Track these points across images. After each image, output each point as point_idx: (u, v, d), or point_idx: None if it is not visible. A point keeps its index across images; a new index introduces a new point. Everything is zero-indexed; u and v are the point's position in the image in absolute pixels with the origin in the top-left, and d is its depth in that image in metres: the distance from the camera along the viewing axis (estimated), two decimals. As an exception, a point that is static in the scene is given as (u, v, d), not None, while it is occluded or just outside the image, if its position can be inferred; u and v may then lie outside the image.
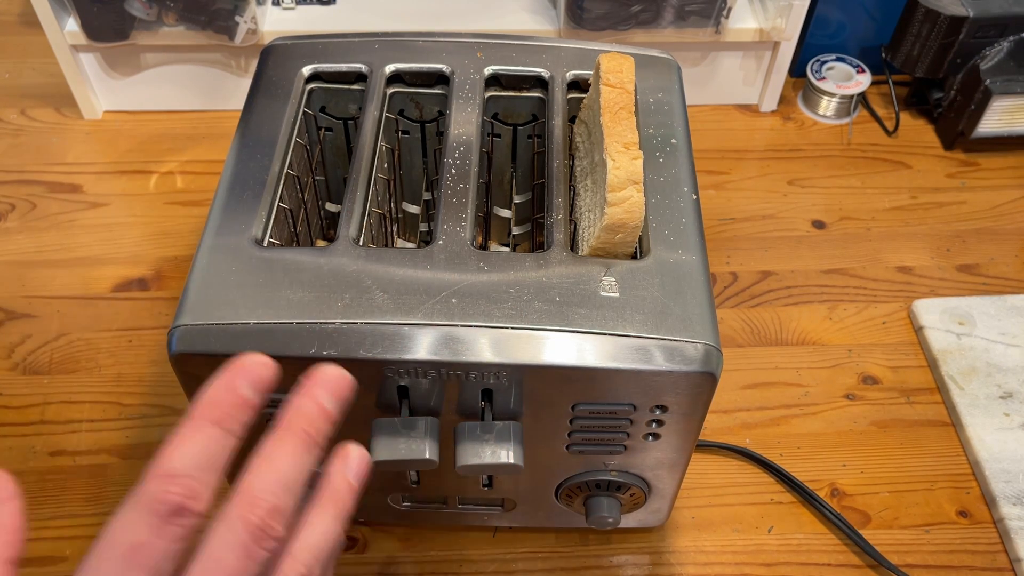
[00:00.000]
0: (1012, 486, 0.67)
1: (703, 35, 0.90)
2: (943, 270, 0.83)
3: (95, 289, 0.79)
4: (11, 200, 0.86)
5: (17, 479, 0.56)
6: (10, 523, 0.33)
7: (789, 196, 0.89)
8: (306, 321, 0.47)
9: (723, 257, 0.83)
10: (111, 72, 0.92)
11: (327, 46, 0.63)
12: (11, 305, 0.78)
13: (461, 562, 0.63)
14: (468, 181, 0.55)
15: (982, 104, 0.89)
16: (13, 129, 0.94)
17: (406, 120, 0.65)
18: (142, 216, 0.86)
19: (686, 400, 0.49)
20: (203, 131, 0.94)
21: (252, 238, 0.51)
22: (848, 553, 0.65)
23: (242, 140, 0.57)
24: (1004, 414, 0.71)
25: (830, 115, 0.97)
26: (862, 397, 0.74)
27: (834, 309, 0.80)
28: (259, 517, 0.32)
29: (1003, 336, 0.76)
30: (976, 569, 0.64)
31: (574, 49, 0.63)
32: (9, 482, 0.33)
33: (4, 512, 0.33)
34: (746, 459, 0.70)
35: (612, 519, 0.57)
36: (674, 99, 0.61)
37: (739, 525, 0.66)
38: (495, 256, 0.51)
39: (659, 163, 0.56)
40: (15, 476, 0.36)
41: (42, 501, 0.66)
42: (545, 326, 0.47)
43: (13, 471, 0.66)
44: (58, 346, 0.75)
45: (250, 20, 0.86)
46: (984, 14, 0.87)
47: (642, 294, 0.49)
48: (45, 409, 0.71)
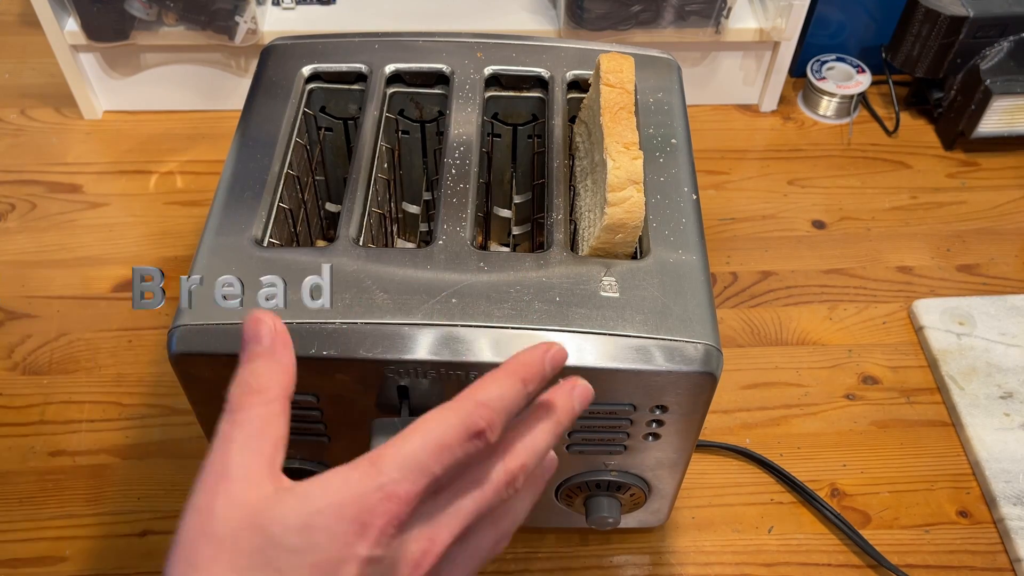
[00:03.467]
0: (1012, 486, 0.67)
1: (703, 35, 0.90)
2: (943, 270, 0.83)
3: (95, 289, 0.79)
4: (11, 200, 0.86)
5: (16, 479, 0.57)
6: (290, 364, 0.38)
7: (789, 196, 0.89)
8: (306, 321, 0.46)
9: (723, 257, 0.83)
10: (111, 72, 0.92)
11: (327, 46, 0.63)
12: (11, 305, 0.78)
13: (461, 562, 0.63)
14: (468, 181, 0.55)
15: (982, 104, 0.89)
16: (13, 129, 0.94)
17: (406, 120, 0.65)
18: (142, 216, 0.86)
19: (686, 400, 0.49)
20: (203, 131, 0.94)
21: (252, 238, 0.51)
22: (848, 553, 0.65)
23: (242, 140, 0.57)
24: (1004, 414, 0.71)
25: (830, 115, 0.97)
26: (862, 397, 0.73)
27: (834, 309, 0.80)
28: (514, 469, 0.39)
29: (1003, 336, 0.76)
30: (976, 569, 0.64)
31: (574, 49, 0.63)
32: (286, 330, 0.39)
33: (286, 354, 0.38)
34: (746, 459, 0.70)
35: (612, 519, 0.57)
36: (674, 99, 0.61)
37: (739, 525, 0.66)
38: (495, 256, 0.51)
39: (659, 163, 0.56)
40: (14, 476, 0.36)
41: (42, 501, 0.65)
42: (545, 326, 0.47)
43: (13, 471, 0.67)
44: (58, 346, 0.75)
45: (250, 20, 0.86)
46: (984, 14, 0.87)
47: (642, 294, 0.49)
48: (45, 409, 0.71)
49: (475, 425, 0.36)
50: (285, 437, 0.37)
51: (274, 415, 0.37)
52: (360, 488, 0.34)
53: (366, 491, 0.34)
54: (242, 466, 0.35)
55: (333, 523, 0.34)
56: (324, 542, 0.33)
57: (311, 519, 0.34)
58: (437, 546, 0.37)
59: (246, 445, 0.35)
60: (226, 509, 0.34)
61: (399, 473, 0.35)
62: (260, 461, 0.35)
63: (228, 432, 0.36)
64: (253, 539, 0.33)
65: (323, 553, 0.33)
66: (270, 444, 0.36)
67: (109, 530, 0.64)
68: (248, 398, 0.37)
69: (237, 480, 0.35)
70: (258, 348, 0.38)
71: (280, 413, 0.37)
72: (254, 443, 0.36)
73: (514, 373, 0.39)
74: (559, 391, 0.41)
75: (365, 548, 0.34)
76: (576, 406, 0.41)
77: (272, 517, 0.34)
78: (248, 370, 0.37)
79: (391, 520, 0.34)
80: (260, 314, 0.38)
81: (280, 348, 0.38)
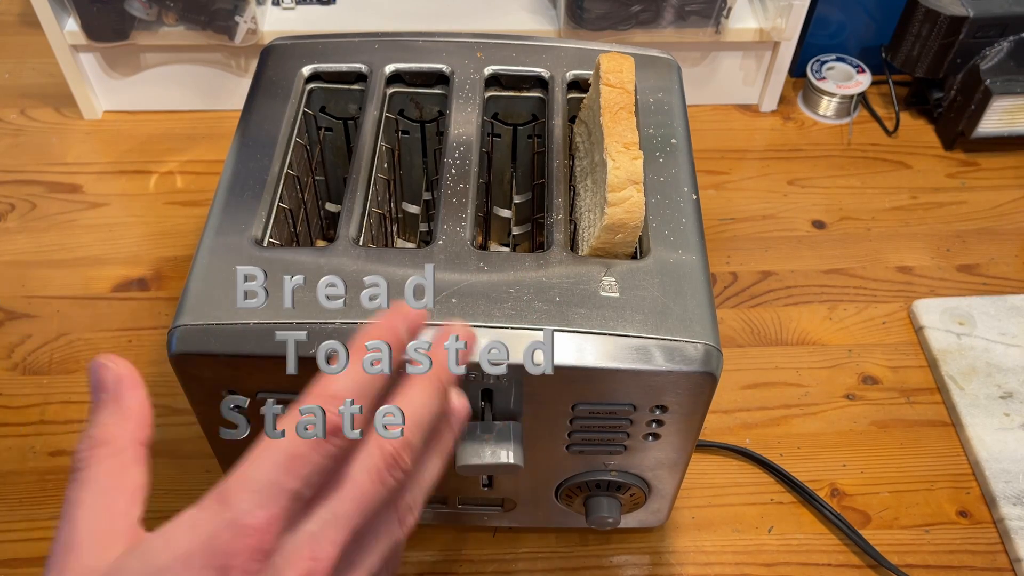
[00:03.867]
0: (1012, 486, 0.67)
1: (703, 35, 0.90)
2: (943, 270, 0.83)
3: (95, 289, 0.79)
4: (11, 200, 0.86)
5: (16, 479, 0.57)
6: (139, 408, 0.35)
7: (789, 196, 0.89)
8: (306, 321, 0.46)
9: (723, 257, 0.83)
10: (111, 72, 0.92)
11: (327, 46, 0.63)
12: (11, 305, 0.78)
13: (461, 562, 0.63)
14: (468, 181, 0.55)
15: (982, 104, 0.89)
16: (13, 129, 0.94)
17: (406, 120, 0.65)
18: (142, 216, 0.86)
19: (686, 400, 0.49)
20: (203, 131, 0.94)
21: (252, 238, 0.51)
22: (848, 553, 0.65)
23: (242, 140, 0.57)
24: (1004, 414, 0.71)
25: (830, 115, 0.97)
26: (862, 397, 0.73)
27: (834, 309, 0.80)
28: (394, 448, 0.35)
29: (1003, 336, 0.76)
30: (976, 569, 0.64)
31: (574, 49, 0.63)
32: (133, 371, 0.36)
33: (132, 398, 0.35)
34: (746, 459, 0.70)
35: (612, 519, 0.57)
36: (674, 99, 0.61)
37: (739, 525, 0.66)
38: (495, 256, 0.51)
39: (659, 163, 0.56)
40: (14, 476, 0.36)
41: (42, 501, 0.65)
42: (545, 326, 0.47)
43: (13, 471, 0.67)
44: (58, 346, 0.75)
45: (250, 20, 0.86)
46: (984, 14, 0.87)
47: (642, 294, 0.49)
48: (45, 409, 0.71)
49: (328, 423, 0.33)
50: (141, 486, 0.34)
51: (124, 465, 0.34)
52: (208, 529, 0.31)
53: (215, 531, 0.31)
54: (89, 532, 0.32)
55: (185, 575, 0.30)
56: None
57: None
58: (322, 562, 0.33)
59: (94, 505, 0.33)
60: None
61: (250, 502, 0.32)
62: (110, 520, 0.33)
63: (75, 496, 0.33)
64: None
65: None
66: (124, 498, 0.33)
67: (109, 530, 0.64)
68: (92, 453, 0.34)
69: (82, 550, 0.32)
70: (104, 396, 0.35)
71: (132, 461, 0.34)
72: (102, 501, 0.33)
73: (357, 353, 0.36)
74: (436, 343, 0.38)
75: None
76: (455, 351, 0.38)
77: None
78: (93, 422, 0.35)
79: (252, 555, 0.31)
80: (103, 359, 0.36)
81: (126, 392, 0.35)
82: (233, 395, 0.48)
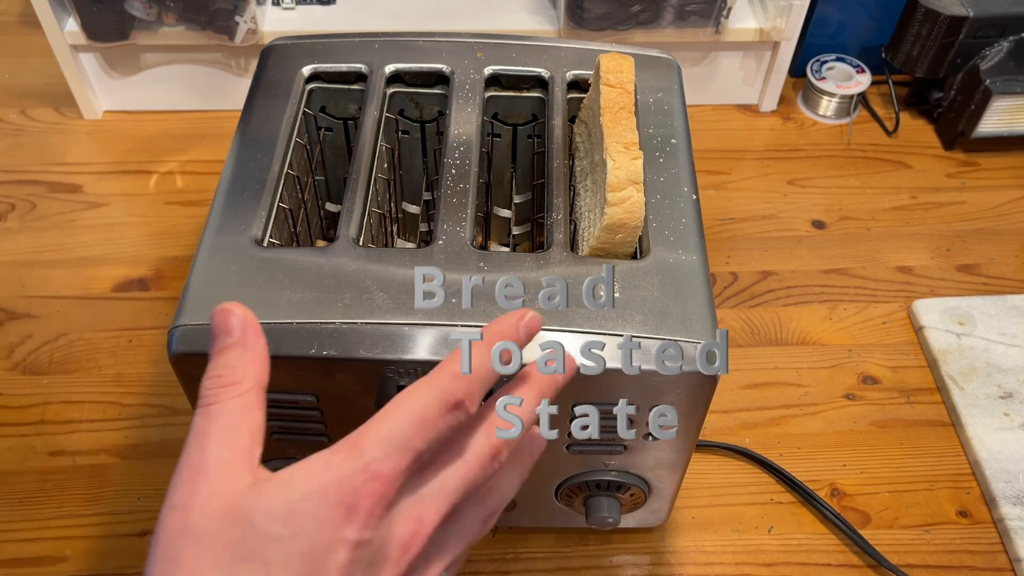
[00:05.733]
0: (1012, 486, 0.67)
1: (703, 35, 0.90)
2: (943, 270, 0.83)
3: (95, 289, 0.79)
4: (11, 200, 0.86)
5: (16, 479, 0.57)
6: (263, 353, 0.37)
7: (789, 196, 0.90)
8: (306, 321, 0.46)
9: (723, 257, 0.83)
10: (111, 72, 0.92)
11: (327, 46, 0.63)
12: (11, 305, 0.78)
13: (461, 562, 0.63)
14: (468, 181, 0.55)
15: (982, 104, 0.89)
16: (13, 129, 0.94)
17: (406, 120, 0.65)
18: (142, 216, 0.86)
19: (686, 400, 0.49)
20: (203, 131, 0.94)
21: (252, 238, 0.51)
22: (848, 553, 0.65)
23: (242, 140, 0.57)
24: (1004, 414, 0.71)
25: (830, 115, 0.97)
26: (862, 397, 0.73)
27: (834, 309, 0.80)
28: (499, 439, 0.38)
29: (1003, 336, 0.76)
30: (976, 569, 0.64)
31: (574, 49, 0.63)
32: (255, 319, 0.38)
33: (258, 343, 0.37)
34: (746, 459, 0.70)
35: (612, 519, 0.57)
36: (674, 99, 0.61)
37: (739, 525, 0.66)
38: (495, 256, 0.51)
39: (659, 163, 0.56)
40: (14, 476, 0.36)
41: (42, 501, 0.65)
42: (545, 326, 0.47)
43: (13, 471, 0.67)
44: (58, 346, 0.75)
45: (250, 20, 0.86)
46: (984, 14, 0.87)
47: (642, 294, 0.49)
48: (45, 409, 0.71)
49: (453, 396, 0.36)
50: (262, 428, 0.36)
51: (249, 406, 0.36)
52: (343, 471, 0.34)
53: (349, 473, 0.33)
54: (219, 459, 0.34)
55: (318, 508, 0.33)
56: (310, 528, 0.33)
57: (295, 506, 0.33)
58: (426, 525, 0.36)
59: (222, 438, 0.35)
60: (205, 504, 0.33)
61: (382, 452, 0.34)
62: (237, 453, 0.34)
63: (203, 426, 0.35)
64: (235, 531, 0.32)
65: (310, 539, 0.32)
66: (247, 436, 0.35)
67: (109, 530, 0.64)
68: (221, 391, 0.36)
69: (214, 474, 0.34)
70: (229, 340, 0.37)
71: (255, 404, 0.36)
72: (230, 436, 0.35)
73: (489, 344, 0.38)
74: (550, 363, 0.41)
75: (353, 531, 0.33)
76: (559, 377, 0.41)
77: (254, 507, 0.33)
78: (220, 362, 0.37)
79: (378, 500, 0.34)
80: (229, 305, 0.38)
81: (252, 338, 0.37)
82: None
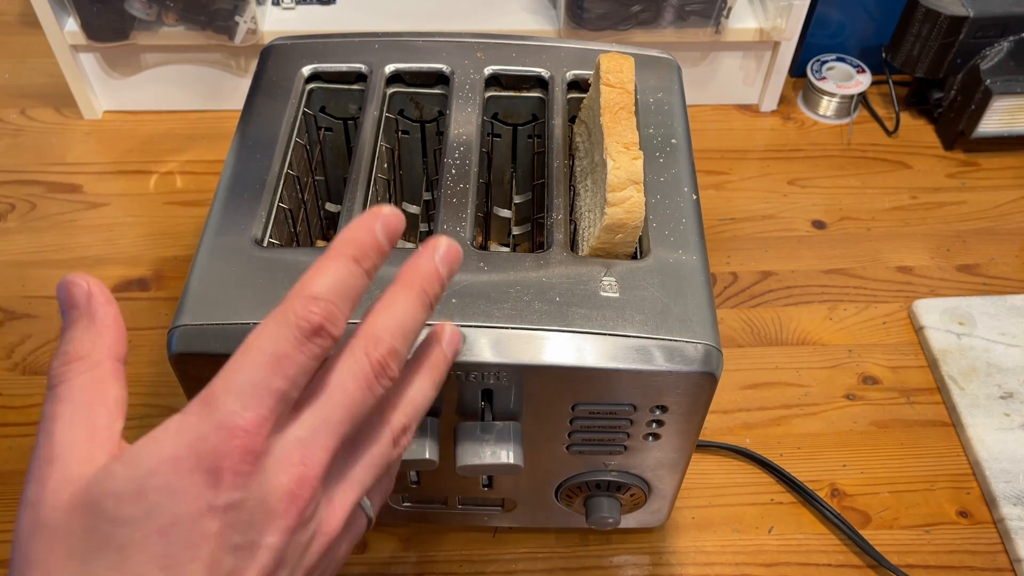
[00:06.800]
0: (1012, 486, 0.67)
1: (703, 35, 0.90)
2: (943, 270, 0.83)
3: (95, 289, 0.79)
4: (11, 200, 0.86)
5: (16, 479, 0.57)
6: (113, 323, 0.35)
7: (789, 196, 0.89)
8: (306, 321, 0.46)
9: (723, 257, 0.83)
10: (111, 72, 0.92)
11: (327, 46, 0.63)
12: (11, 305, 0.78)
13: (461, 562, 0.63)
14: (468, 181, 0.55)
15: (982, 104, 0.89)
16: (13, 129, 0.94)
17: (406, 120, 0.65)
18: (142, 216, 0.86)
19: (686, 400, 0.49)
20: (203, 131, 0.94)
21: (252, 238, 0.51)
22: (848, 553, 0.65)
23: (242, 140, 0.57)
24: (1004, 414, 0.71)
25: (830, 115, 0.97)
26: (862, 397, 0.73)
27: (834, 309, 0.80)
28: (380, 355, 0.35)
29: (1003, 336, 0.76)
30: (976, 569, 0.64)
31: (574, 49, 0.63)
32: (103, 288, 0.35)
33: (107, 314, 0.35)
34: (746, 459, 0.70)
35: (612, 519, 0.57)
36: (674, 99, 0.61)
37: (739, 525, 0.66)
38: (495, 256, 0.51)
39: (659, 163, 0.56)
40: (14, 476, 0.36)
41: (42, 501, 0.65)
42: (545, 326, 0.47)
43: (13, 471, 0.67)
44: (58, 346, 0.75)
45: (250, 20, 0.86)
46: (984, 14, 0.87)
47: (642, 294, 0.49)
48: (45, 409, 0.71)
49: (308, 323, 0.32)
50: (120, 401, 0.34)
51: (100, 379, 0.33)
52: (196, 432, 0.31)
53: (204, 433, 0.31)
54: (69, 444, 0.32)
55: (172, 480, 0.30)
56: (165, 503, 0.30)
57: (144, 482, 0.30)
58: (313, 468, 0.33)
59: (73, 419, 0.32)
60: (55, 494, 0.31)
61: (236, 403, 0.31)
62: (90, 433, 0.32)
63: (52, 411, 0.33)
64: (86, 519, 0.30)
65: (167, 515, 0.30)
66: (104, 412, 0.33)
67: (109, 530, 0.64)
68: (67, 368, 0.33)
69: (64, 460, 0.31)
70: (75, 313, 0.34)
71: (108, 376, 0.34)
72: (82, 415, 0.32)
73: (341, 254, 0.35)
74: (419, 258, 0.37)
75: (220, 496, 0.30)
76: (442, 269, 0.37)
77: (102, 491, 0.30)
78: (66, 339, 0.34)
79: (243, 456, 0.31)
80: (73, 277, 0.35)
81: (99, 308, 0.35)
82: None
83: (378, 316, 0.36)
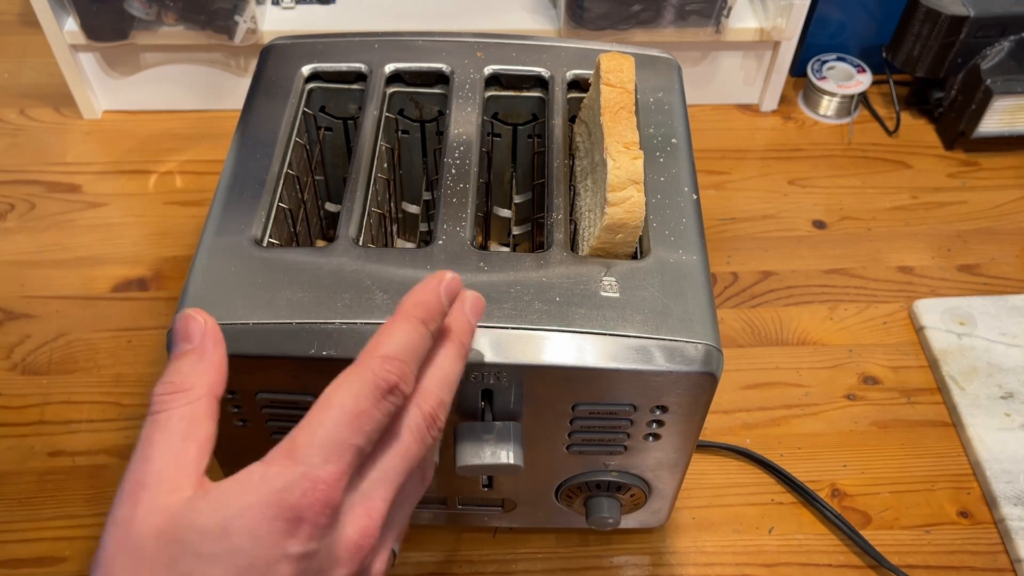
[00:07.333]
0: (1013, 486, 0.67)
1: (703, 35, 0.90)
2: (944, 270, 0.83)
3: (95, 289, 0.79)
4: (11, 200, 0.86)
5: (16, 479, 0.57)
6: (220, 363, 0.37)
7: (789, 196, 0.89)
8: (306, 321, 0.46)
9: (723, 257, 0.83)
10: (111, 72, 0.92)
11: (327, 46, 0.63)
12: (11, 305, 0.78)
13: (461, 562, 0.63)
14: (468, 181, 0.55)
15: (983, 104, 0.89)
16: (13, 129, 0.94)
17: (406, 120, 0.65)
18: (142, 216, 0.85)
19: (686, 400, 0.49)
20: (203, 131, 0.94)
21: (252, 238, 0.51)
22: (849, 554, 0.65)
23: (242, 140, 0.57)
24: (1005, 414, 0.71)
25: (831, 115, 0.97)
26: (863, 397, 0.73)
27: (835, 309, 0.80)
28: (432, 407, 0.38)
29: (1004, 336, 0.76)
30: (977, 570, 0.64)
31: (574, 49, 0.63)
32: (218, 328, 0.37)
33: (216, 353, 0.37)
34: (746, 459, 0.70)
35: (612, 520, 0.57)
36: (674, 99, 0.61)
37: (739, 525, 0.66)
38: (495, 256, 0.51)
39: (659, 163, 0.56)
40: (14, 476, 0.37)
41: (41, 501, 0.65)
42: (545, 326, 0.47)
43: (12, 471, 0.67)
44: (57, 346, 0.75)
45: (250, 20, 0.86)
46: (985, 14, 0.87)
47: (642, 294, 0.49)
48: (44, 409, 0.71)
49: (386, 382, 0.35)
50: (211, 438, 0.35)
51: (198, 415, 0.35)
52: (281, 482, 0.32)
53: (288, 484, 0.32)
54: (161, 472, 0.33)
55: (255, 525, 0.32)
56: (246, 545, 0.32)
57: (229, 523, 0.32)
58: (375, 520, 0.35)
59: (167, 448, 0.34)
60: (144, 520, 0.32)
61: (319, 456, 0.33)
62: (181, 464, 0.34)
63: (149, 436, 0.34)
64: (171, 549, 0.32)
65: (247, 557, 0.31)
66: (195, 446, 0.34)
67: (109, 530, 0.64)
68: (171, 398, 0.35)
69: (155, 487, 0.33)
70: (186, 346, 0.36)
71: (205, 413, 0.35)
72: (176, 445, 0.34)
73: (412, 316, 0.37)
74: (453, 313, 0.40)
75: (297, 545, 0.32)
76: (472, 320, 0.40)
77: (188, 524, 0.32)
78: (173, 368, 0.36)
79: (323, 509, 0.33)
80: (192, 312, 0.37)
81: (210, 346, 0.37)
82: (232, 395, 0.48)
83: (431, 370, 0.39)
